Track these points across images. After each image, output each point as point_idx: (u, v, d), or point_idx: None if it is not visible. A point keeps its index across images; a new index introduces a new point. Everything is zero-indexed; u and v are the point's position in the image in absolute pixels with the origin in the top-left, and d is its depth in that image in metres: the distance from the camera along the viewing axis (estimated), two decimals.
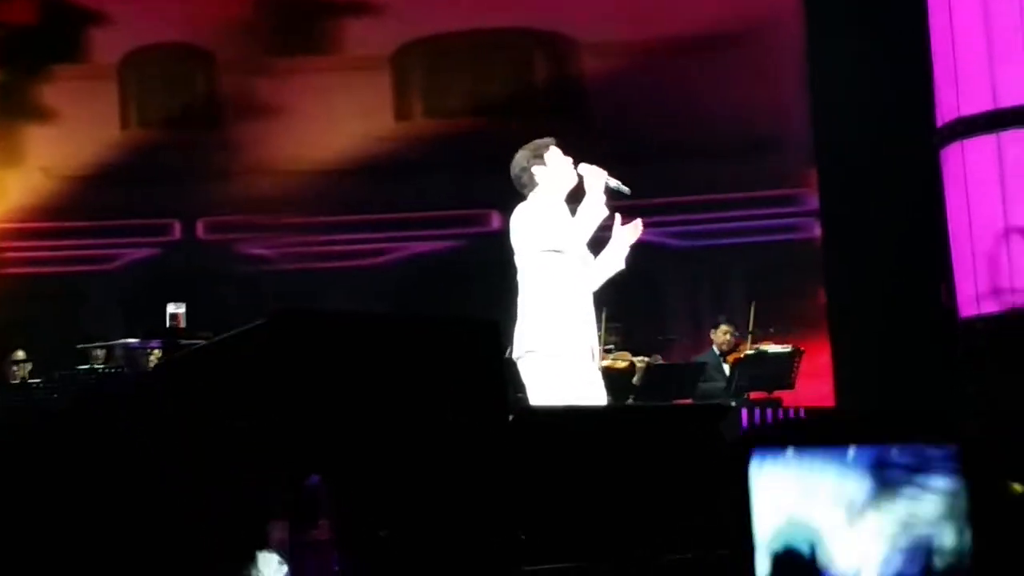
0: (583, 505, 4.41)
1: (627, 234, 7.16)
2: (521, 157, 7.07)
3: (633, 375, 11.82)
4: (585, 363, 6.86)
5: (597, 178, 6.95)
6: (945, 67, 13.20)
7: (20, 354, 13.59)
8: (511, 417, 4.61)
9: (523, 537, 4.08)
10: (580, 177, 7.01)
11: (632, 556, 4.00)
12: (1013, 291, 12.23)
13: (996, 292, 12.34)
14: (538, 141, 7.12)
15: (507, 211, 7.05)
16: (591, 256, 7.02)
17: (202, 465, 4.02)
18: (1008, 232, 12.53)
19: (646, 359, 12.13)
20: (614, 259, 7.12)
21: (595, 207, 6.90)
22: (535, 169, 7.01)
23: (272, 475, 4.13)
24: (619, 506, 4.44)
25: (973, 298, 12.59)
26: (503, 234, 7.03)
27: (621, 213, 7.17)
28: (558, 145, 7.12)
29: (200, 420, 4.39)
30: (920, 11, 13.43)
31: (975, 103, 12.95)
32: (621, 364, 11.76)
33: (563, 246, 6.84)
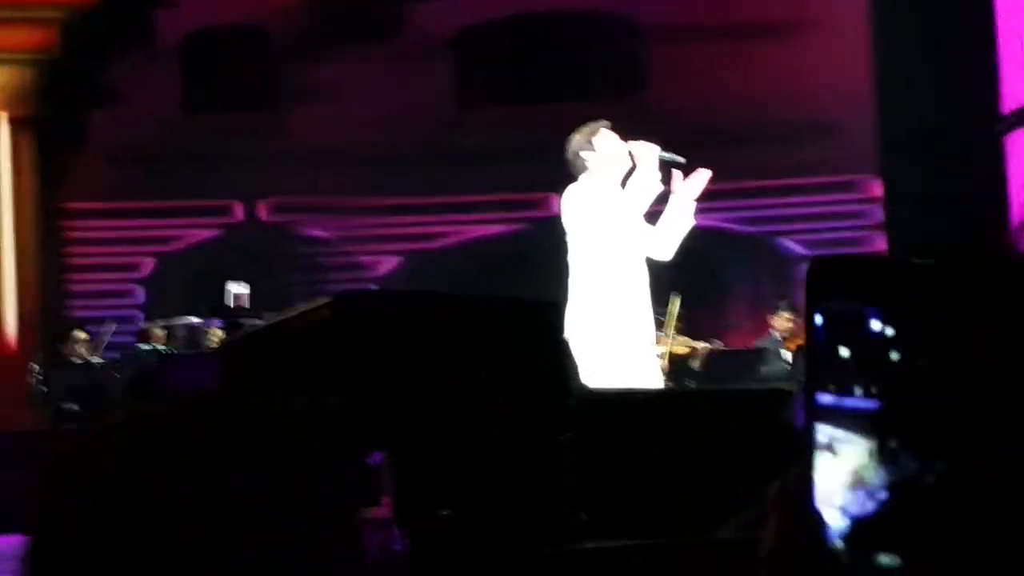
0: (643, 485, 4.41)
1: (691, 186, 6.94)
2: (574, 142, 6.96)
3: (694, 360, 11.80)
4: (638, 346, 6.79)
5: (649, 153, 6.86)
6: (1011, 54, 13.10)
7: (81, 334, 13.69)
8: (572, 398, 4.62)
9: (584, 517, 4.09)
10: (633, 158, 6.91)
11: (691, 534, 4.00)
12: None
13: None
14: (590, 125, 7.00)
15: None
16: (649, 227, 6.85)
17: (264, 447, 4.03)
18: None
19: (707, 345, 12.10)
20: (681, 215, 6.89)
21: (647, 181, 6.81)
22: (584, 154, 6.89)
23: (334, 455, 4.15)
24: (679, 486, 4.44)
25: None
26: (561, 217, 6.99)
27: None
28: (613, 128, 6.99)
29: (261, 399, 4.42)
30: None
31: None
32: (682, 349, 11.74)
33: (612, 229, 6.74)
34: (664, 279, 7.21)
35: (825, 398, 1.03)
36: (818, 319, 1.05)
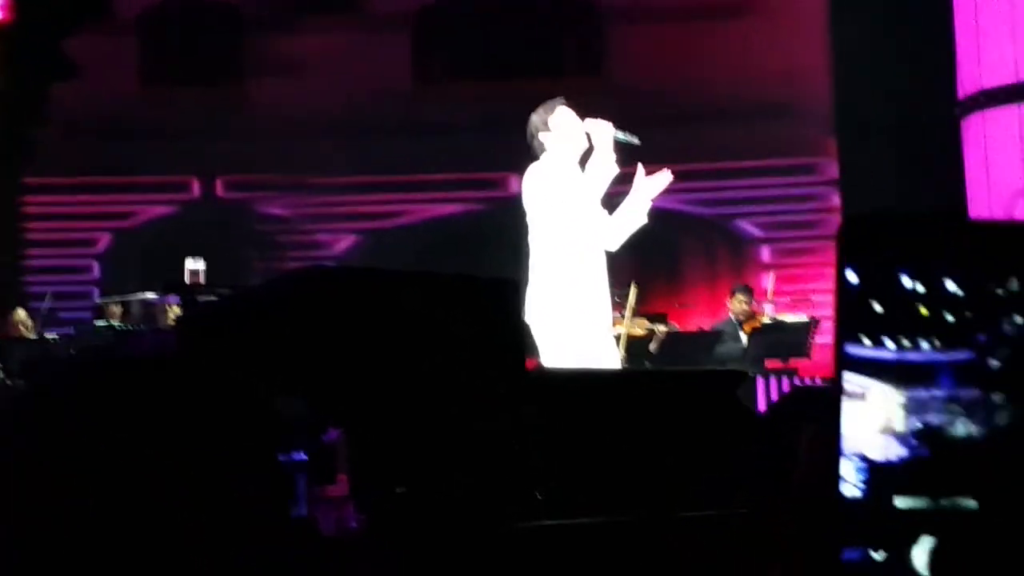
0: (598, 463, 4.42)
1: (651, 185, 6.82)
2: (531, 122, 6.87)
3: (650, 342, 11.82)
4: (597, 327, 6.77)
5: (604, 132, 6.75)
6: (967, 38, 13.17)
7: (20, 314, 13.57)
8: (528, 376, 4.61)
9: (539, 496, 4.09)
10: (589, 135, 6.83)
11: (650, 512, 4.01)
12: None
13: None
14: (546, 103, 6.89)
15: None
16: (606, 213, 6.79)
17: (221, 420, 4.02)
18: None
19: (664, 328, 12.09)
20: (636, 212, 6.78)
21: (603, 164, 6.73)
22: (540, 135, 6.81)
23: (291, 429, 4.14)
24: (635, 465, 4.45)
25: None
26: (521, 197, 6.94)
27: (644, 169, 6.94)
28: (570, 106, 6.89)
29: (220, 373, 4.40)
30: None
31: (997, 75, 12.92)
32: (639, 332, 11.75)
33: (571, 209, 6.66)
34: (622, 261, 7.18)
35: (855, 349, 1.06)
36: (850, 275, 1.08)
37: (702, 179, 15.85)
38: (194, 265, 9.33)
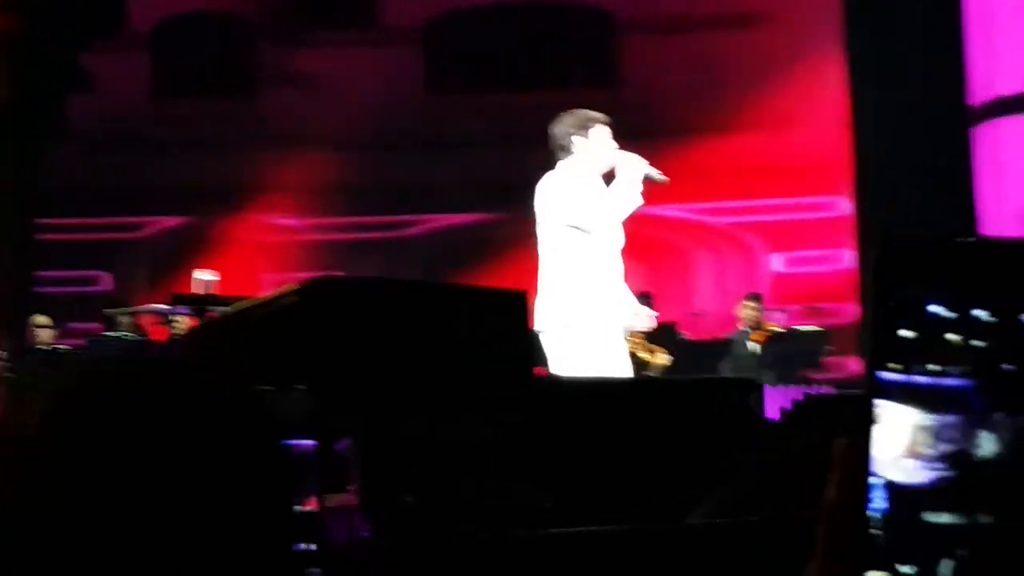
0: (610, 473, 4.42)
1: (634, 165, 6.78)
2: (568, 121, 6.81)
3: (653, 369, 11.47)
4: (610, 339, 6.75)
5: (636, 165, 6.75)
6: (979, 47, 13.16)
7: (41, 319, 13.62)
8: (537, 386, 4.62)
9: (549, 505, 4.09)
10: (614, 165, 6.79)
11: (658, 521, 4.01)
12: None
13: None
14: (590, 113, 6.87)
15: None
16: (622, 234, 6.80)
17: (229, 431, 4.01)
18: None
19: (668, 359, 11.66)
20: (631, 194, 6.75)
21: (630, 194, 6.70)
22: (576, 138, 6.75)
23: (300, 442, 4.15)
24: (646, 474, 4.45)
25: None
26: (532, 209, 6.90)
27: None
28: (610, 125, 6.85)
29: (228, 384, 4.40)
30: None
31: (1010, 84, 12.91)
32: (645, 354, 11.43)
33: (591, 226, 6.66)
34: (634, 270, 7.17)
35: (885, 375, 1.08)
36: (884, 302, 1.10)
37: (713, 189, 15.84)
38: (205, 276, 9.35)
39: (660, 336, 11.90)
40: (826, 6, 15.90)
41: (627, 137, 6.96)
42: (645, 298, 11.80)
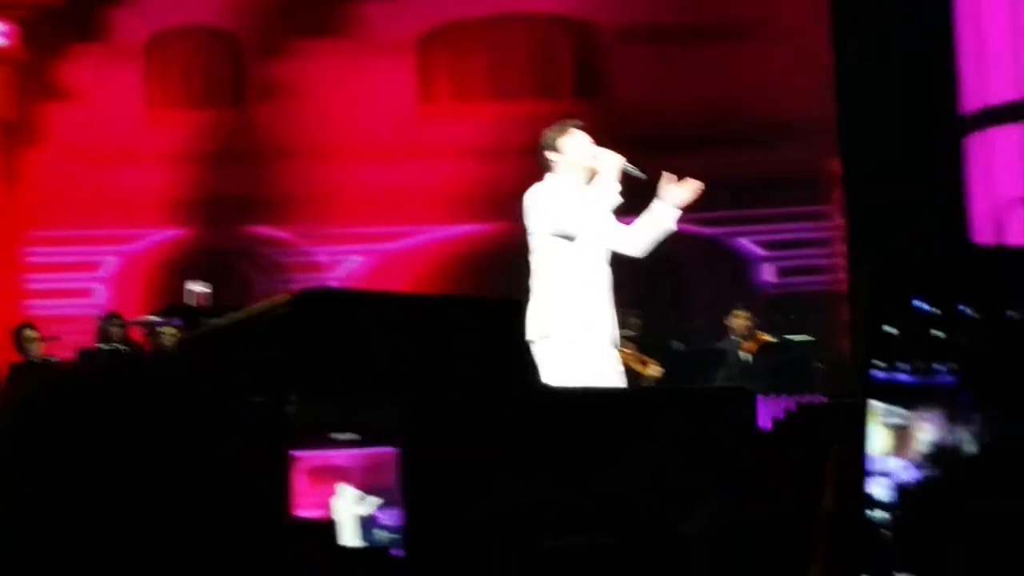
0: (603, 483, 4.42)
1: (678, 193, 7.03)
2: (546, 138, 6.91)
3: (645, 380, 11.51)
4: (600, 350, 6.76)
5: (612, 163, 6.83)
6: (970, 55, 13.18)
7: (31, 332, 13.56)
8: (532, 396, 4.62)
9: (548, 516, 4.10)
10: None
11: (652, 531, 4.02)
12: None
13: None
14: (562, 123, 6.97)
15: None
16: (620, 225, 6.87)
17: (217, 441, 4.03)
18: None
19: (659, 371, 11.70)
20: (663, 218, 6.96)
21: (606, 192, 6.78)
22: (548, 154, 6.87)
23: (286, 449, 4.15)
24: (639, 484, 4.45)
25: None
26: (523, 218, 6.94)
27: (647, 195, 6.99)
28: (584, 129, 6.95)
29: (218, 396, 4.41)
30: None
31: (1001, 93, 12.93)
32: (636, 365, 11.47)
33: (573, 231, 6.72)
34: (624, 280, 7.17)
35: (877, 376, 1.09)
36: (874, 306, 1.12)
37: (703, 199, 15.80)
38: (198, 288, 9.37)
39: (652, 347, 11.94)
40: (816, 16, 15.89)
41: (616, 147, 7.00)
42: (635, 308, 11.88)
